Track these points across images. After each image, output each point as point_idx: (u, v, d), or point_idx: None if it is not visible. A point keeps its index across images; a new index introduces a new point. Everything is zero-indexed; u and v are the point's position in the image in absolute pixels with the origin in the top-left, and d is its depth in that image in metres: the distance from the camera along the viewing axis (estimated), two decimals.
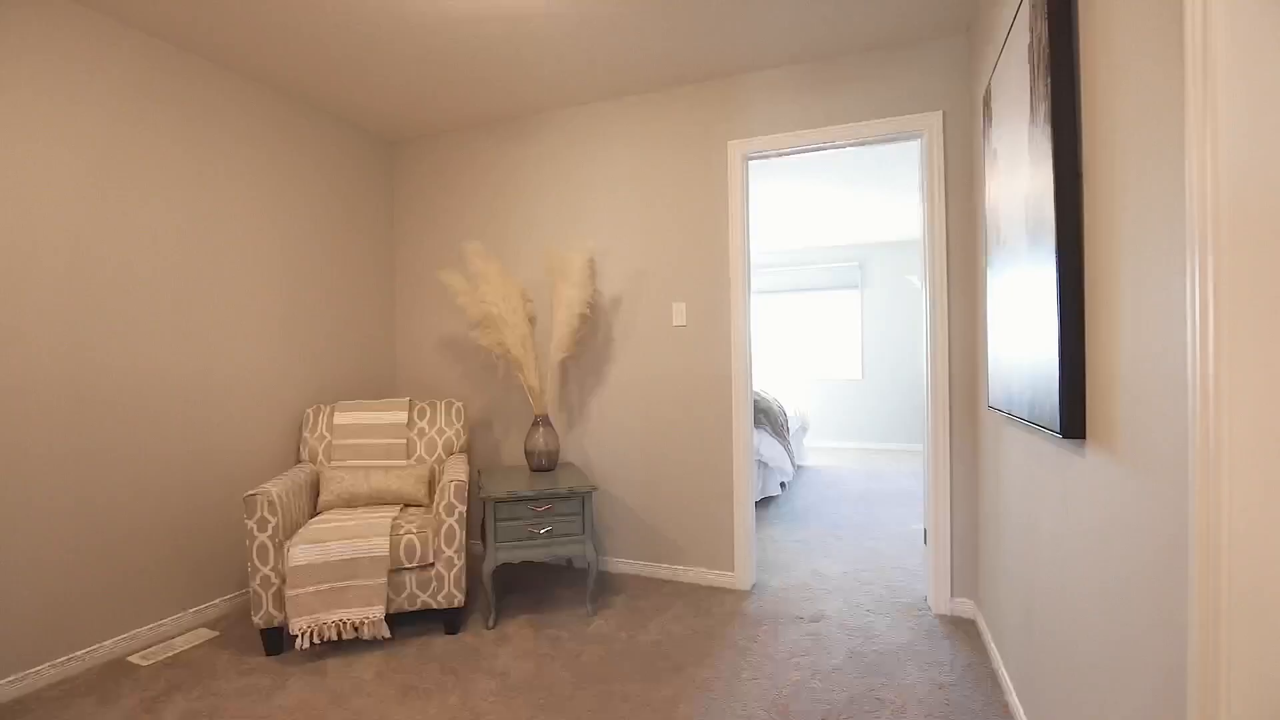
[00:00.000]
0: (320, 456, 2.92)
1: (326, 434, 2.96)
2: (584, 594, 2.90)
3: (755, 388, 5.57)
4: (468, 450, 3.18)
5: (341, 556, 2.31)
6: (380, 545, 2.35)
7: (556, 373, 3.32)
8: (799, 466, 5.96)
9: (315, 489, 2.79)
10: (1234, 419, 0.78)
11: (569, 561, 3.33)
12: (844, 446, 7.21)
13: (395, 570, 2.40)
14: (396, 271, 3.74)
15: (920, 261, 4.21)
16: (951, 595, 2.61)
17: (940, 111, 2.59)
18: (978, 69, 2.36)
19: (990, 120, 1.99)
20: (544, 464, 2.96)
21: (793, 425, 5.37)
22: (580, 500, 2.65)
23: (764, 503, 4.57)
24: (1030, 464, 1.71)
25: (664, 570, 3.10)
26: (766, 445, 4.43)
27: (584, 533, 2.65)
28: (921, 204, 2.68)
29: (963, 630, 2.47)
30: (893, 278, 7.02)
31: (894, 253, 7.02)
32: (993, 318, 2.02)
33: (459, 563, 2.46)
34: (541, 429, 2.97)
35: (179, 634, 2.52)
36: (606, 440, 3.22)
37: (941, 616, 2.59)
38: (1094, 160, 1.22)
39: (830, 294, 7.29)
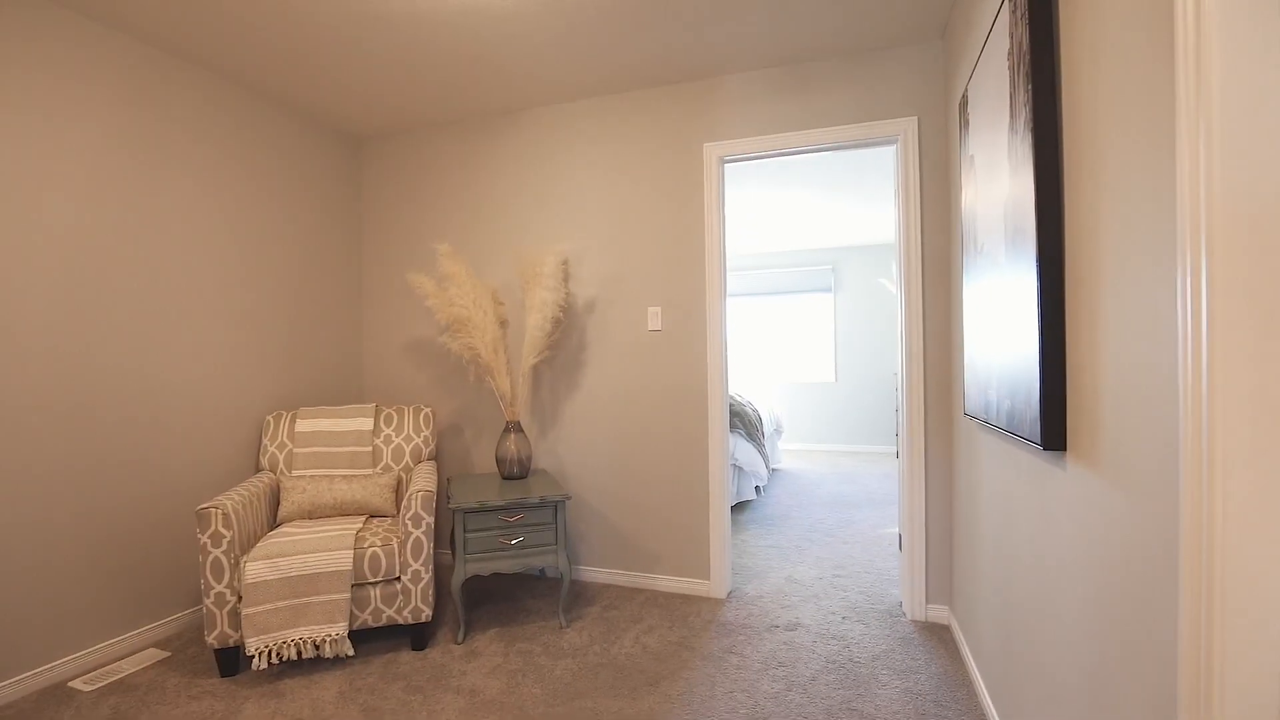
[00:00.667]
0: (281, 465, 2.80)
1: (288, 442, 2.83)
2: (557, 605, 2.82)
3: (730, 391, 5.55)
4: (436, 458, 3.09)
5: (301, 572, 2.20)
6: (343, 559, 2.25)
7: (529, 377, 3.24)
8: (774, 470, 5.96)
9: (275, 499, 2.67)
10: (1226, 430, 0.75)
11: (542, 572, 3.26)
12: (817, 449, 7.25)
13: (359, 585, 2.30)
14: (363, 273, 3.62)
15: (895, 266, 4.23)
16: (926, 601, 2.61)
17: (915, 117, 2.59)
18: (953, 74, 2.36)
19: (967, 126, 1.98)
20: (516, 471, 2.88)
21: (767, 428, 5.37)
22: (553, 509, 2.58)
23: (739, 507, 4.55)
24: (1008, 474, 1.70)
25: (638, 579, 3.04)
26: (741, 449, 4.41)
27: (557, 542, 2.58)
28: (896, 209, 2.68)
29: (938, 637, 2.46)
30: (866, 281, 7.09)
31: (867, 256, 7.09)
32: (969, 324, 2.01)
33: (426, 576, 2.37)
34: (513, 435, 2.90)
35: (126, 655, 2.38)
36: (580, 447, 3.15)
37: (917, 623, 2.59)
38: (1076, 167, 1.20)
39: (804, 297, 7.33)
